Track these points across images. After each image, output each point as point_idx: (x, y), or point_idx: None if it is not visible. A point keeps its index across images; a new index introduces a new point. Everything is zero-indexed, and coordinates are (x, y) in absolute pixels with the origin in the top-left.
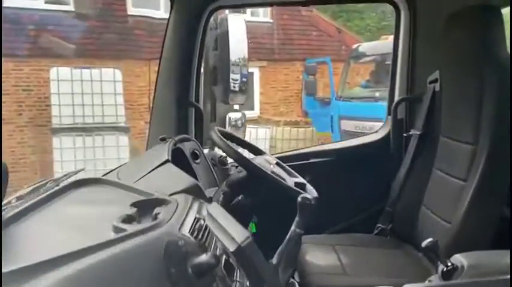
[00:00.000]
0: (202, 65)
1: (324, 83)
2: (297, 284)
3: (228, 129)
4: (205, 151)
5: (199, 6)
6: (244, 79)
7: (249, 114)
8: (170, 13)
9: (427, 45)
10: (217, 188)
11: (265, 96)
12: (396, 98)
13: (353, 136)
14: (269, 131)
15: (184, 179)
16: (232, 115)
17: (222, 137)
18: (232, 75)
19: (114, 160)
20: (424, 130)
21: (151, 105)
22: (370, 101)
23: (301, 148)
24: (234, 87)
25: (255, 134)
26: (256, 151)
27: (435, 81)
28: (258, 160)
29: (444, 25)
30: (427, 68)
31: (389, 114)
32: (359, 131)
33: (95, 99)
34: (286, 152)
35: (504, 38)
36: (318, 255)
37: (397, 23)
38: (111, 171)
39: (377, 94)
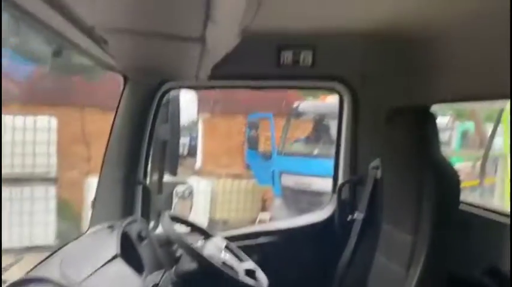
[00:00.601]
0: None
1: (266, 137)
2: None
3: (175, 200)
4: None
5: (153, 86)
6: (193, 143)
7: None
8: (123, 90)
9: (369, 132)
10: (163, 270)
11: (208, 147)
12: (340, 178)
13: (292, 191)
14: (211, 183)
15: (132, 281)
16: (179, 187)
17: (172, 227)
18: (181, 140)
19: (42, 213)
20: (367, 214)
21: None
22: (309, 157)
23: (250, 227)
24: (183, 151)
25: (196, 187)
26: (206, 234)
27: (376, 167)
28: (208, 247)
29: (384, 119)
30: (369, 153)
31: (333, 192)
32: (298, 186)
33: (27, 148)
34: (235, 230)
35: (438, 138)
36: None
37: (340, 109)
38: (54, 253)
39: (315, 151)
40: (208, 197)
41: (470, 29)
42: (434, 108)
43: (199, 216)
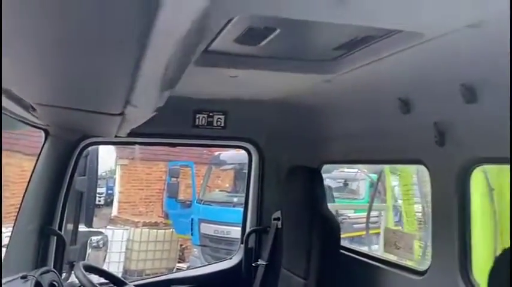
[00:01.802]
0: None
1: (186, 185)
2: None
3: (88, 251)
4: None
5: (73, 141)
6: (110, 191)
7: None
8: (44, 143)
9: (273, 187)
10: None
11: (125, 195)
12: (247, 228)
13: (211, 240)
14: (126, 232)
15: None
16: (94, 237)
17: (85, 277)
18: (98, 189)
19: None
20: (269, 261)
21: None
22: (228, 206)
23: (162, 274)
24: (99, 201)
25: (110, 236)
26: (119, 282)
27: (278, 219)
28: None
29: (284, 176)
30: (272, 205)
31: (241, 243)
32: (217, 234)
33: None
34: (147, 278)
35: (324, 196)
36: None
37: (249, 165)
38: None
39: (235, 199)
40: (124, 247)
41: (350, 102)
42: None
43: (114, 266)
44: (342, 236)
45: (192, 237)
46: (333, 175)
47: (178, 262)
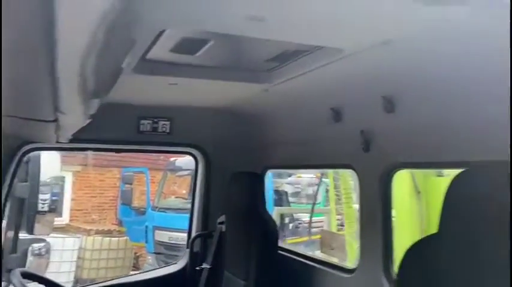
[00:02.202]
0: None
1: (140, 191)
2: None
3: (30, 258)
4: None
5: (13, 147)
6: (54, 198)
7: (56, 221)
8: None
9: (218, 192)
10: None
11: (77, 202)
12: (193, 233)
13: (166, 247)
14: (78, 240)
15: None
16: (36, 245)
17: (23, 284)
18: (41, 196)
19: None
20: (213, 264)
21: None
22: (184, 212)
23: (110, 279)
24: (42, 207)
25: (61, 245)
26: None
27: (222, 223)
28: None
29: (228, 181)
30: (217, 210)
31: (187, 247)
32: (172, 242)
33: None
34: (95, 284)
35: (264, 198)
36: None
37: (195, 171)
38: None
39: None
40: (75, 256)
41: (288, 111)
42: None
43: (64, 275)
44: (298, 240)
45: (146, 245)
46: (290, 180)
47: (133, 270)
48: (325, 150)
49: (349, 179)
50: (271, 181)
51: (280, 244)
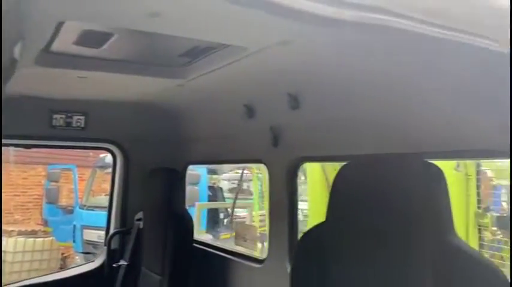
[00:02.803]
0: None
1: (68, 190)
2: None
3: None
4: None
5: None
6: None
7: None
8: None
9: (136, 189)
10: None
11: None
12: (111, 230)
13: (95, 246)
14: None
15: None
16: None
17: None
18: None
19: None
20: (130, 261)
21: None
22: None
23: (22, 280)
24: None
25: None
26: None
27: (140, 219)
28: None
29: (145, 178)
30: (135, 207)
31: (105, 245)
32: (102, 240)
33: None
34: (10, 284)
35: (182, 194)
36: None
37: (113, 167)
38: None
39: None
40: None
41: (204, 107)
42: None
43: None
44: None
45: (74, 244)
46: (226, 176)
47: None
48: (239, 145)
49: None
50: (206, 177)
51: (216, 240)
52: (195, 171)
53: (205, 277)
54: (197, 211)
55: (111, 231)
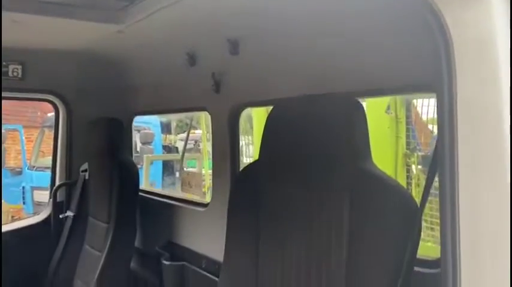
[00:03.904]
0: None
1: (16, 151)
2: None
3: None
4: None
5: None
6: None
7: None
8: None
9: (80, 140)
10: None
11: None
12: (57, 182)
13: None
14: None
15: None
16: None
17: None
18: None
19: None
20: (77, 212)
21: None
22: None
23: None
24: None
25: None
26: None
27: (85, 170)
28: None
29: (89, 128)
30: (80, 158)
31: (50, 198)
32: None
33: None
34: None
35: (123, 143)
36: None
37: (56, 119)
38: None
39: None
40: None
41: (146, 54)
42: None
43: None
44: None
45: (24, 206)
46: (182, 137)
47: None
48: (183, 94)
49: None
50: (160, 136)
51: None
52: (150, 130)
53: (151, 223)
54: (145, 162)
55: (56, 183)
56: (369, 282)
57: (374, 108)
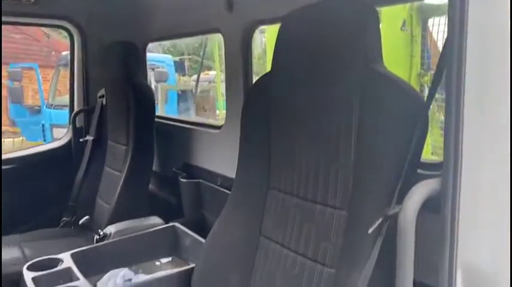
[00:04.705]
0: None
1: (33, 90)
2: None
3: None
4: None
5: None
6: None
7: None
8: None
9: (97, 66)
10: None
11: None
12: (75, 109)
13: None
14: None
15: None
16: None
17: None
18: None
19: None
20: (96, 136)
21: None
22: None
23: None
24: None
25: None
26: None
27: (103, 96)
28: None
29: (104, 53)
30: (97, 84)
31: (69, 123)
32: None
33: None
34: None
35: (139, 67)
36: (3, 253)
37: (71, 45)
38: None
39: None
40: None
41: None
42: None
43: None
44: None
45: (45, 143)
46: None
47: None
48: (196, 16)
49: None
50: (174, 75)
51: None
52: (163, 69)
53: (168, 147)
54: (160, 92)
55: (75, 109)
56: (373, 182)
57: (389, 23)
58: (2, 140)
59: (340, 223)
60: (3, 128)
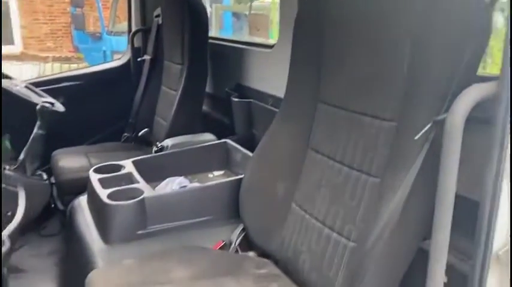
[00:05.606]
0: None
1: (94, 17)
2: (44, 175)
3: None
4: None
5: None
6: None
7: (9, 49)
8: None
9: None
10: None
11: (28, 30)
12: (133, 29)
13: None
14: (36, 67)
15: None
16: None
17: None
18: None
19: None
20: (153, 55)
21: None
22: None
23: (52, 74)
24: None
25: (18, 73)
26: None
27: (159, 15)
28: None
29: None
30: (153, 4)
31: (128, 43)
32: None
33: None
34: (38, 78)
35: None
36: (70, 160)
37: None
38: None
39: None
40: None
41: None
42: None
43: None
44: None
45: None
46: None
47: None
48: None
49: None
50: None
51: None
52: None
53: (220, 68)
54: (214, 12)
55: (133, 30)
56: (425, 95)
57: None
58: (69, 65)
59: (389, 133)
60: (68, 54)
